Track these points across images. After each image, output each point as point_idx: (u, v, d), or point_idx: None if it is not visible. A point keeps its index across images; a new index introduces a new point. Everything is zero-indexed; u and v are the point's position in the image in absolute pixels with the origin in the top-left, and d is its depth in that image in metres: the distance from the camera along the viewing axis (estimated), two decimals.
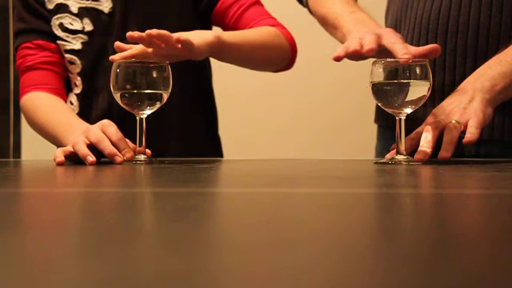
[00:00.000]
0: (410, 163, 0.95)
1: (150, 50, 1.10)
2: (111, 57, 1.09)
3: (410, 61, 0.96)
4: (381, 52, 1.00)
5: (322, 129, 2.55)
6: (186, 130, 1.37)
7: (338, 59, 1.01)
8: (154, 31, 1.05)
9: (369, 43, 0.98)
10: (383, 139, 1.31)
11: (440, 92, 1.13)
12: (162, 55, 1.10)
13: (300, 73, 1.44)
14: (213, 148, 1.44)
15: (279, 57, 1.34)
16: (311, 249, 0.28)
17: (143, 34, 1.06)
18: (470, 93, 1.02)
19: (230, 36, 1.22)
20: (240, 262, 0.26)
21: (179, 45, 1.08)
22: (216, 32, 1.18)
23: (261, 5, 1.38)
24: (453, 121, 0.98)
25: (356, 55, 0.99)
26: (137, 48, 1.11)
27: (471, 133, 0.96)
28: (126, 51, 1.11)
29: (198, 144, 1.40)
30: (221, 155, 1.46)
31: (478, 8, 1.11)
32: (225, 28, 1.35)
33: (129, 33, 1.06)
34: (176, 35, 1.08)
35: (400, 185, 0.66)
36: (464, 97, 1.01)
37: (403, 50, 0.97)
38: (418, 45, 1.16)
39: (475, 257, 0.27)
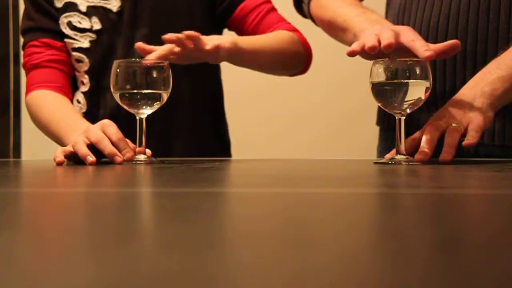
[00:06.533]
0: (410, 163, 0.95)
1: (177, 49, 1.12)
2: (144, 60, 1.08)
3: (433, 57, 0.94)
4: (399, 50, 0.98)
5: (323, 129, 2.55)
6: (194, 130, 1.38)
7: (352, 54, 0.99)
8: (191, 33, 1.09)
9: (387, 38, 0.96)
10: (384, 140, 1.31)
11: (441, 98, 1.13)
12: (185, 55, 1.12)
13: None
14: (221, 149, 1.44)
15: (295, 62, 1.35)
16: (311, 248, 0.28)
17: (179, 35, 1.09)
18: (470, 97, 1.01)
19: (247, 42, 1.24)
20: (240, 262, 0.26)
21: (209, 47, 1.10)
22: (233, 37, 1.20)
23: (277, 11, 1.40)
24: (454, 125, 0.98)
25: (375, 51, 0.97)
26: (165, 48, 1.12)
27: (472, 136, 0.97)
28: (154, 52, 1.12)
29: (206, 144, 1.40)
30: (229, 156, 1.46)
31: (476, 14, 1.11)
32: (244, 33, 1.36)
33: (166, 36, 1.09)
34: (206, 39, 1.11)
35: (400, 185, 0.66)
36: (464, 102, 1.01)
37: (424, 47, 0.95)
38: None
39: (475, 257, 0.27)
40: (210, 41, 1.13)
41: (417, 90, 0.96)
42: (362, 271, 0.24)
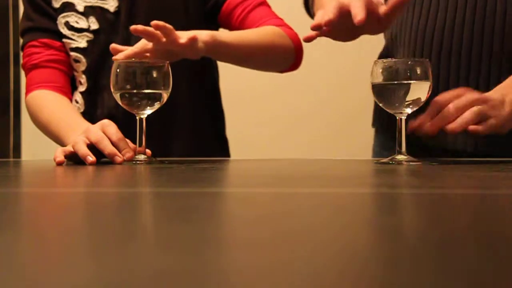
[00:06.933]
0: (411, 163, 0.95)
1: (150, 45, 1.10)
2: (114, 57, 1.09)
3: (363, 21, 0.93)
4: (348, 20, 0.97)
5: (323, 129, 2.55)
6: (193, 130, 1.38)
7: (307, 39, 0.98)
8: (160, 22, 1.06)
9: (325, 15, 0.96)
10: (379, 139, 1.32)
11: None
12: (161, 51, 1.10)
13: (300, 72, 1.44)
14: (221, 148, 1.44)
15: (281, 57, 1.33)
16: (311, 248, 0.28)
17: (147, 27, 1.06)
18: (501, 99, 1.02)
19: (227, 36, 1.22)
20: (240, 262, 0.26)
21: (184, 41, 1.08)
22: (211, 31, 1.18)
23: (268, 6, 1.38)
24: (479, 107, 0.99)
25: (318, 28, 0.97)
26: (138, 46, 1.11)
27: (482, 127, 0.98)
28: (125, 50, 1.11)
29: (206, 144, 1.40)
30: (228, 155, 1.46)
31: (471, 29, 1.11)
32: (231, 29, 1.35)
33: (133, 27, 1.07)
34: (180, 33, 1.09)
35: (400, 185, 0.66)
36: (499, 96, 1.02)
37: (359, 13, 0.93)
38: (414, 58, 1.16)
39: (475, 257, 0.27)
40: (185, 35, 1.10)
41: (418, 91, 0.97)
42: (361, 271, 0.24)
